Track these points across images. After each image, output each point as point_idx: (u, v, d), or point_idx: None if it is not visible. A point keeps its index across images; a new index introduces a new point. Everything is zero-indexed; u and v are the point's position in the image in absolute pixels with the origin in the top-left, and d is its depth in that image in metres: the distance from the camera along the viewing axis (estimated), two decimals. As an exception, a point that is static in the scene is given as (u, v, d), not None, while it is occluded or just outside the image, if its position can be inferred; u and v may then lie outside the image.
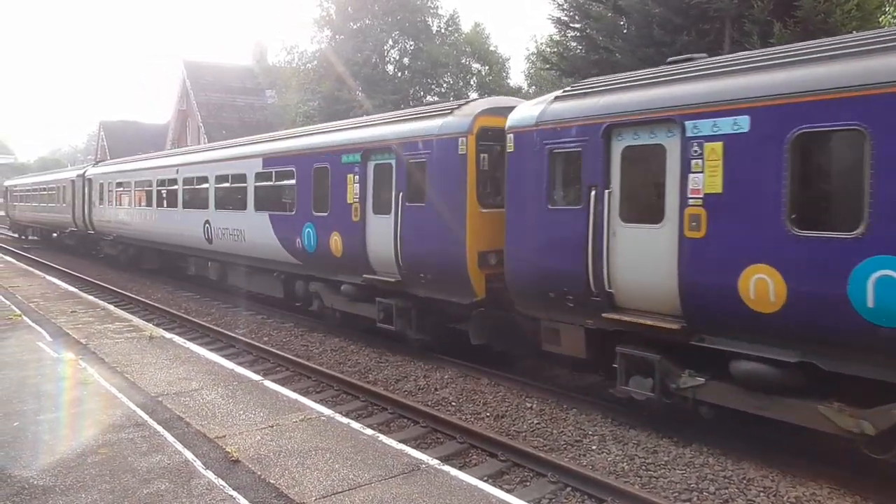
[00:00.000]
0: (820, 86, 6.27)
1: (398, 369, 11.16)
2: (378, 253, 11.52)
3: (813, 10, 13.62)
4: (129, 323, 12.59)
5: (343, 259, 12.37)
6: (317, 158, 13.13)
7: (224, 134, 40.56)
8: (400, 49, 30.91)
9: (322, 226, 12.86)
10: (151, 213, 21.23)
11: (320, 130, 14.37)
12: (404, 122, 11.48)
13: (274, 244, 14.34)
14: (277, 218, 14.36)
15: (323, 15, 30.65)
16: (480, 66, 32.08)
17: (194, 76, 42.77)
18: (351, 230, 12.08)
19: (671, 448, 7.63)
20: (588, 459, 7.43)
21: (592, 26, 17.69)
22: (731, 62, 7.52)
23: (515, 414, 8.90)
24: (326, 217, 12.74)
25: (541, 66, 26.12)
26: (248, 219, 15.42)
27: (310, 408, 7.40)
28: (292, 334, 14.05)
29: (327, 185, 12.73)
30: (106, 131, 61.76)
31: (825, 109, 6.19)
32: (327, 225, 12.70)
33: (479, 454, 7.68)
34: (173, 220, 19.76)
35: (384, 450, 6.12)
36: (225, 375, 8.78)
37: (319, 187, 12.98)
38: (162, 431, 6.63)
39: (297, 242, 13.55)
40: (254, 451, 6.07)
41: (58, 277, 21.01)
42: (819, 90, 6.27)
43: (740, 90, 6.86)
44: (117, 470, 5.75)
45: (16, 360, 9.44)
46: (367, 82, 27.62)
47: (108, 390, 8.05)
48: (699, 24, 15.12)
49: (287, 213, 14.01)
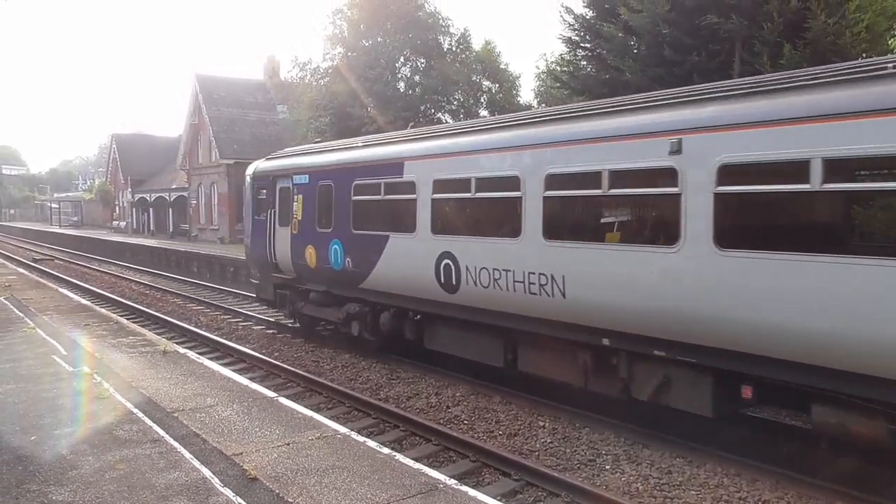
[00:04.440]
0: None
1: (410, 386, 11.19)
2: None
3: (823, 32, 13.68)
4: (143, 337, 12.67)
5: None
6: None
7: (235, 148, 40.92)
8: (411, 66, 31.15)
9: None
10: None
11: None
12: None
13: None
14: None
15: (336, 32, 31.01)
16: (491, 84, 32.29)
17: (207, 91, 43.15)
18: None
19: (685, 468, 7.63)
20: (602, 479, 7.43)
21: (603, 46, 17.79)
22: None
23: (528, 432, 8.91)
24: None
25: (551, 85, 26.29)
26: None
27: (325, 425, 7.43)
28: (303, 350, 14.10)
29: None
30: (118, 144, 62.40)
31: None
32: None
33: (492, 473, 7.68)
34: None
35: (401, 469, 6.14)
36: (240, 391, 8.82)
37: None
38: (179, 448, 6.68)
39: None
40: (271, 468, 6.11)
41: (70, 290, 21.18)
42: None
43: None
44: (136, 486, 5.80)
45: (32, 374, 9.53)
46: (378, 99, 27.82)
47: (124, 405, 8.11)
48: (709, 44, 15.19)
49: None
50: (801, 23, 13.93)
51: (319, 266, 13.23)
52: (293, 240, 14.07)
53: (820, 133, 6.19)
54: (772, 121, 6.57)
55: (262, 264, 15.52)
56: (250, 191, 15.97)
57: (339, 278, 12.67)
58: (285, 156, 15.75)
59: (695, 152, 7.13)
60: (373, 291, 11.95)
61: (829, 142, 6.12)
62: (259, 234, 15.44)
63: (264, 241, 15.12)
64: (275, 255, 14.78)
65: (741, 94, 7.15)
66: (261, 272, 15.91)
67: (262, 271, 15.80)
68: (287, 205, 14.30)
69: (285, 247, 14.35)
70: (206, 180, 44.86)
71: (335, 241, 12.69)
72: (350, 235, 12.29)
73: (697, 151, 7.10)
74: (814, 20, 13.66)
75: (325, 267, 13.02)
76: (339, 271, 12.56)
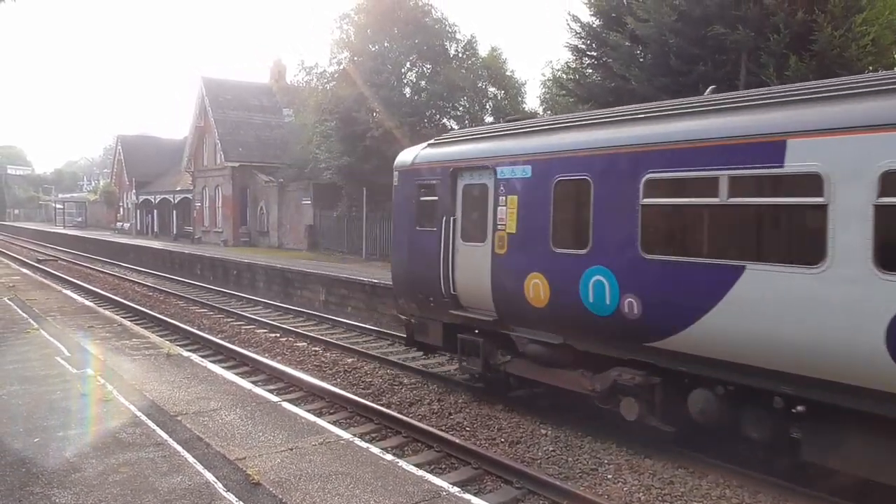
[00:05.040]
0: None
1: (412, 392, 11.20)
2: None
3: (829, 44, 13.72)
4: (147, 339, 12.70)
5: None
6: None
7: (240, 151, 41.05)
8: (418, 72, 31.21)
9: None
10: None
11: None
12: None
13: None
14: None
15: (343, 37, 31.09)
16: (496, 90, 32.34)
17: (213, 93, 43.32)
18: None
19: (687, 479, 7.63)
20: (604, 489, 7.43)
21: (609, 54, 17.84)
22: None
23: (530, 440, 8.91)
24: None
25: (557, 92, 26.35)
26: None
27: (329, 431, 7.44)
28: (305, 354, 14.12)
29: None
30: (123, 145, 62.68)
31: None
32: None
33: (494, 481, 7.69)
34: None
35: (404, 476, 6.15)
36: (243, 396, 8.84)
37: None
38: (182, 451, 6.69)
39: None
40: (274, 473, 6.11)
41: (74, 291, 21.23)
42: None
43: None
44: (139, 490, 5.80)
45: (36, 376, 9.55)
46: (384, 103, 27.89)
47: (128, 408, 8.13)
48: (716, 54, 15.24)
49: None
50: (808, 35, 13.98)
51: (555, 305, 8.90)
52: (497, 263, 9.69)
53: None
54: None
55: (426, 294, 11.02)
56: (403, 190, 11.75)
57: (603, 328, 8.40)
58: (470, 138, 11.06)
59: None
60: (685, 355, 7.61)
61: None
62: (420, 251, 11.08)
63: (431, 262, 10.68)
64: (453, 284, 10.41)
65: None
66: (420, 305, 11.33)
67: (422, 304, 11.23)
68: (480, 210, 10.09)
69: (478, 272, 9.95)
70: (211, 183, 44.99)
71: (597, 268, 8.35)
72: (635, 261, 7.94)
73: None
74: (820, 32, 13.72)
75: (567, 307, 8.75)
76: (603, 317, 8.28)
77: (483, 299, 9.98)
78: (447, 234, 10.49)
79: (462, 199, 10.46)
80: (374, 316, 19.23)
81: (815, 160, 6.45)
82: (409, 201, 11.49)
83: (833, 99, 6.66)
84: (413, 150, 11.85)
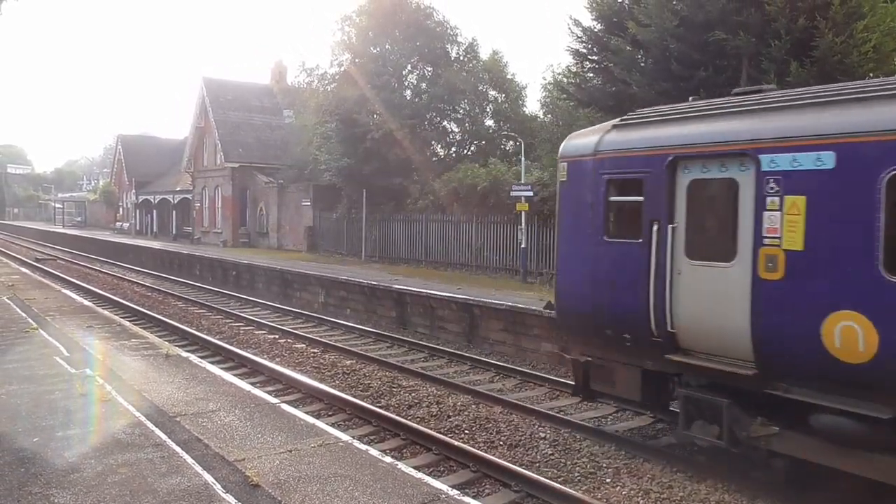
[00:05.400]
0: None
1: (411, 395, 11.20)
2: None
3: (830, 50, 13.75)
4: (145, 340, 12.68)
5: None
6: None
7: (240, 152, 41.06)
8: (418, 74, 31.26)
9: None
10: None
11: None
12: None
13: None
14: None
15: (344, 39, 31.15)
16: (497, 94, 32.38)
17: (213, 94, 43.33)
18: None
19: (686, 483, 7.63)
20: (603, 493, 7.43)
21: (610, 59, 17.86)
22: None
23: (529, 443, 8.92)
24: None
25: (557, 96, 26.37)
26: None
27: (328, 433, 7.43)
28: (304, 355, 14.12)
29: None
30: (123, 145, 62.64)
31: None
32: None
33: (492, 484, 7.69)
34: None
35: (403, 478, 6.14)
36: (241, 397, 8.83)
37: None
38: (181, 452, 6.68)
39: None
40: (273, 475, 6.11)
41: (73, 291, 21.20)
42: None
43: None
44: (137, 491, 5.80)
45: (35, 375, 9.53)
46: (385, 105, 27.92)
47: (127, 408, 8.11)
48: (717, 60, 15.27)
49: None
50: (809, 41, 14.01)
51: (886, 362, 5.91)
52: (765, 292, 6.76)
53: None
54: None
55: (618, 330, 8.21)
56: (577, 187, 8.78)
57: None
58: (699, 114, 7.97)
59: None
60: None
61: None
62: (610, 271, 8.29)
63: (629, 285, 8.01)
64: (669, 318, 7.62)
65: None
66: (604, 343, 8.54)
67: (609, 342, 8.41)
68: (724, 216, 7.51)
69: (721, 304, 7.20)
70: (211, 183, 44.98)
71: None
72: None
73: None
74: (821, 39, 13.74)
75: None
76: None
77: (730, 343, 7.13)
78: (661, 248, 7.69)
79: (688, 199, 7.66)
80: (372, 318, 19.25)
81: None
82: (588, 202, 8.53)
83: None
84: (592, 133, 8.86)
